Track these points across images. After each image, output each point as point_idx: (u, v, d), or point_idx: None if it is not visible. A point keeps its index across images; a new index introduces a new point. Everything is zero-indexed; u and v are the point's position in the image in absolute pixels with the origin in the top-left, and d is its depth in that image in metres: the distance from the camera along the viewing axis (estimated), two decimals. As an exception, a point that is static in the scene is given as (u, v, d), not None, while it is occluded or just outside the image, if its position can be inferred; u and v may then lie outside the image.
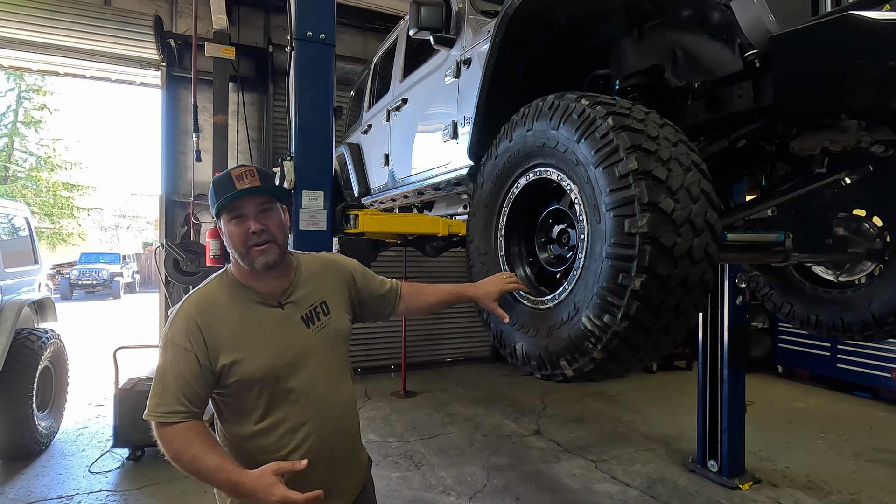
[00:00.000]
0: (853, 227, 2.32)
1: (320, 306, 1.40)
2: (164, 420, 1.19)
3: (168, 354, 1.23)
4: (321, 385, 1.35)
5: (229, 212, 1.29)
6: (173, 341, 1.23)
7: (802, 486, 3.53)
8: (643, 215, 1.19)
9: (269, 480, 1.11)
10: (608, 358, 1.31)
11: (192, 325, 1.24)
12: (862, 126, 1.52)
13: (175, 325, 1.25)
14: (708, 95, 1.64)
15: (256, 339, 1.28)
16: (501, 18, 1.87)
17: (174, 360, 1.22)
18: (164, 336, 1.26)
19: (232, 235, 1.29)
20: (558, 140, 1.45)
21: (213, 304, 1.29)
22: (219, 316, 1.27)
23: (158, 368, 1.23)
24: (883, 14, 1.19)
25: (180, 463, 1.17)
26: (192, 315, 1.25)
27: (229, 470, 1.13)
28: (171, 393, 1.19)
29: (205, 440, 1.19)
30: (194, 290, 1.33)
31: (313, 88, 2.35)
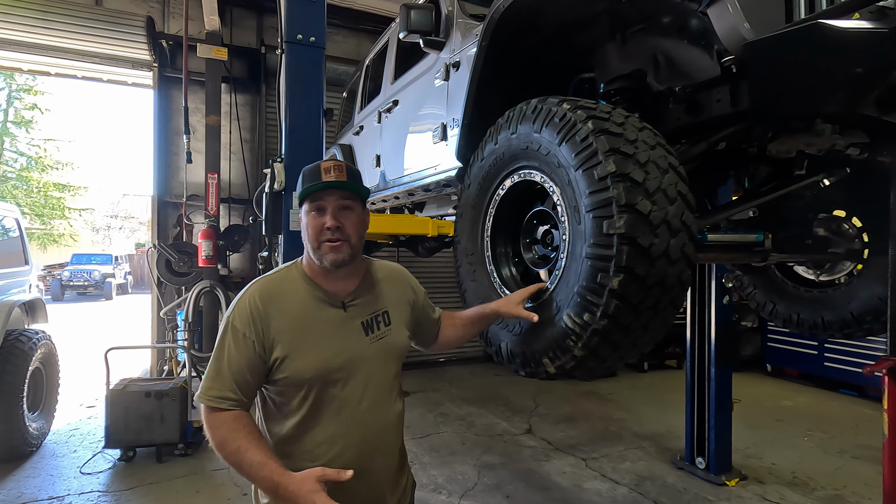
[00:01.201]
0: (833, 228, 2.37)
1: (382, 315, 1.36)
2: (213, 405, 1.16)
3: (227, 338, 1.20)
4: (368, 399, 1.29)
5: (311, 202, 1.27)
6: (233, 325, 1.21)
7: (788, 483, 3.58)
8: (621, 216, 1.23)
9: (312, 487, 1.07)
10: (589, 355, 1.35)
11: (255, 311, 1.22)
12: (836, 130, 1.56)
13: (238, 309, 1.23)
14: (688, 99, 1.67)
15: (313, 338, 1.25)
16: (488, 23, 1.90)
17: (232, 345, 1.20)
18: (225, 319, 1.24)
19: (308, 227, 1.28)
20: (541, 143, 1.49)
21: (277, 295, 1.26)
22: (280, 307, 1.24)
23: (216, 350, 1.21)
24: (851, 23, 1.24)
25: (223, 452, 1.14)
26: (255, 301, 1.23)
27: (272, 468, 1.10)
28: (224, 378, 1.17)
29: (251, 433, 1.15)
30: (261, 277, 1.31)
31: (304, 91, 2.38)
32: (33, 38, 5.37)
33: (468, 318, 1.58)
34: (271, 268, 2.67)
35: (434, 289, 6.94)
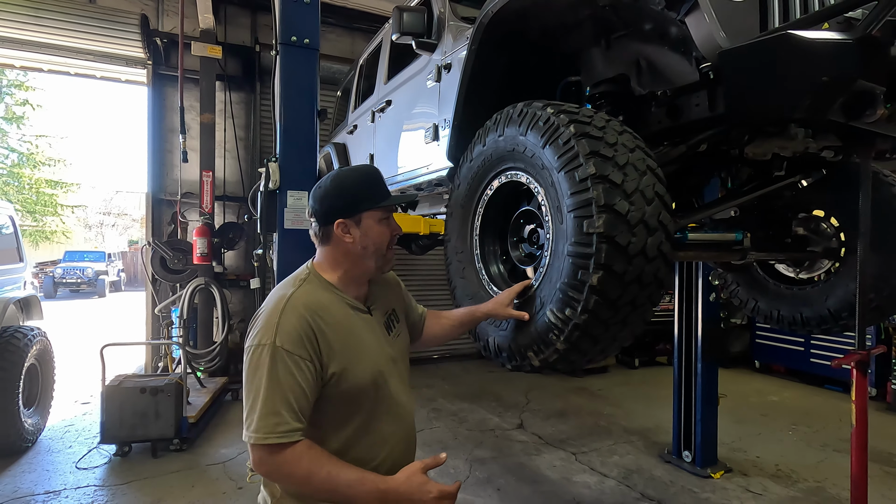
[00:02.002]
0: (812, 227, 2.44)
1: (393, 314, 1.41)
2: (286, 440, 1.07)
3: (278, 366, 1.09)
4: (404, 394, 1.33)
5: (385, 211, 1.28)
6: (285, 349, 1.10)
7: (771, 475, 3.68)
8: (600, 216, 1.29)
9: (421, 479, 1.09)
10: (571, 349, 1.41)
11: (307, 329, 1.14)
12: (809, 133, 1.63)
13: (284, 331, 1.12)
14: (669, 103, 1.74)
15: (360, 345, 1.23)
16: (477, 27, 1.96)
17: (287, 371, 1.09)
18: (266, 343, 1.11)
19: (381, 235, 1.28)
20: (526, 145, 1.55)
21: (320, 307, 1.19)
22: (327, 320, 1.18)
23: (267, 381, 1.08)
24: (817, 34, 1.30)
25: (312, 485, 1.08)
26: (305, 318, 1.14)
27: (372, 479, 1.08)
28: (289, 408, 1.08)
29: (329, 455, 1.11)
30: (289, 292, 1.19)
31: (298, 92, 2.43)
32: (26, 35, 5.37)
33: (457, 318, 1.62)
34: (266, 265, 2.72)
35: (426, 286, 7.00)
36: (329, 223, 1.25)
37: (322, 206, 1.27)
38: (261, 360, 1.10)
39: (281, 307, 1.16)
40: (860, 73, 1.29)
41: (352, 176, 1.29)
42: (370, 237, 1.26)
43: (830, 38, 1.29)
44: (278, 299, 1.18)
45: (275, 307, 1.16)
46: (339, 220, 1.24)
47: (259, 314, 1.20)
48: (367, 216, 1.26)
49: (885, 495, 3.39)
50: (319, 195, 1.28)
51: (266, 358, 1.10)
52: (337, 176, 1.29)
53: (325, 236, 1.27)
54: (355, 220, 1.25)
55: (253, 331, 1.17)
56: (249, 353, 1.14)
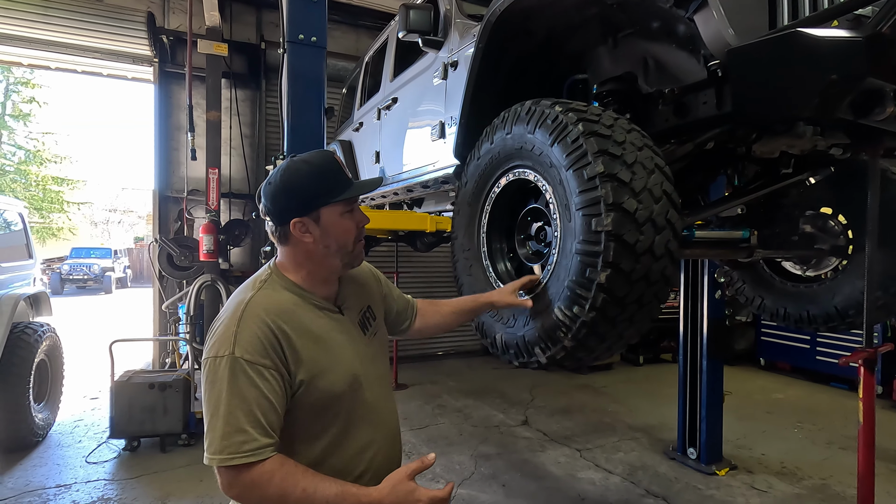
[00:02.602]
0: (819, 225, 2.44)
1: (368, 311, 1.31)
2: (254, 459, 0.97)
3: (240, 376, 0.99)
4: (383, 397, 1.25)
5: (346, 204, 1.17)
6: (245, 360, 1.00)
7: (776, 472, 3.68)
8: (608, 215, 1.30)
9: (407, 487, 1.02)
10: (578, 346, 1.43)
11: (269, 335, 1.04)
12: (817, 131, 1.63)
13: (244, 338, 1.02)
14: (676, 101, 1.74)
15: (331, 349, 1.13)
16: (484, 26, 1.96)
17: (250, 383, 0.99)
18: (223, 354, 1.01)
19: (348, 231, 1.17)
20: (534, 143, 1.55)
21: (282, 311, 1.09)
22: (291, 324, 1.08)
23: (227, 398, 0.98)
24: (827, 31, 1.30)
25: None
26: (266, 323, 1.05)
27: (354, 493, 1.00)
28: (255, 424, 0.98)
29: (305, 469, 1.01)
30: (252, 296, 1.10)
31: (305, 90, 2.44)
32: (34, 33, 5.42)
33: (458, 307, 1.58)
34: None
35: (431, 282, 7.02)
36: (285, 223, 1.13)
37: (275, 205, 1.14)
38: (218, 374, 1.00)
39: (239, 314, 1.05)
40: (869, 71, 1.28)
41: (303, 168, 1.14)
42: (332, 235, 1.15)
43: (840, 35, 1.29)
44: (236, 305, 1.09)
45: (232, 314, 1.06)
46: (295, 220, 1.12)
47: (217, 322, 1.09)
48: (326, 212, 1.14)
49: (891, 493, 3.39)
50: (270, 192, 1.14)
51: (225, 371, 1.00)
52: (287, 169, 1.15)
53: (282, 236, 1.16)
54: (313, 218, 1.13)
55: (209, 341, 1.06)
56: (206, 367, 1.03)
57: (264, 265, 1.24)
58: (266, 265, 1.23)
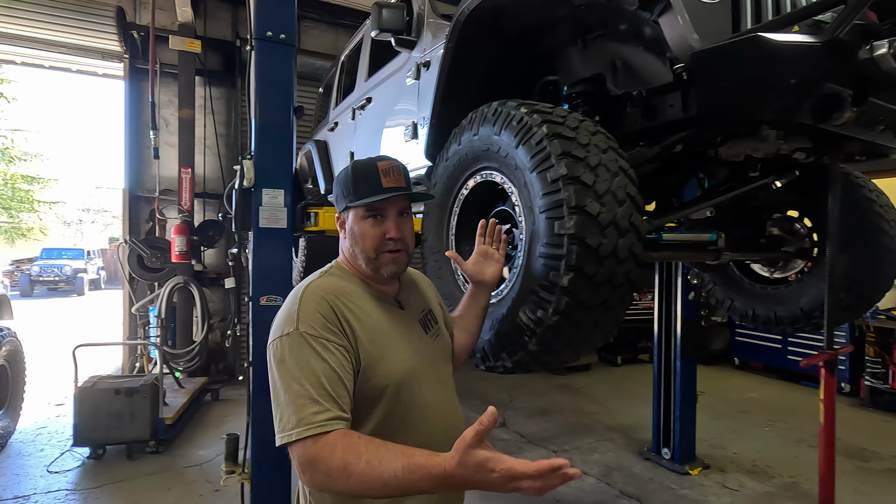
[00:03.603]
0: (786, 228, 2.48)
1: (429, 314, 1.30)
2: (323, 430, 0.92)
3: (305, 350, 0.99)
4: (447, 401, 1.21)
5: (369, 209, 1.16)
6: (309, 334, 1.00)
7: (748, 471, 3.74)
8: (571, 218, 1.28)
9: (476, 458, 0.83)
10: (543, 350, 1.41)
11: (329, 313, 1.04)
12: (780, 135, 1.65)
13: (306, 314, 1.02)
14: (644, 104, 1.74)
15: (392, 338, 1.12)
16: (454, 25, 1.94)
17: (316, 355, 0.98)
18: (286, 332, 1.01)
19: (365, 236, 1.16)
20: (500, 145, 1.53)
21: (342, 293, 1.10)
22: (351, 307, 1.08)
23: (296, 369, 0.97)
24: (786, 36, 1.31)
25: (351, 479, 0.89)
26: (326, 301, 1.05)
27: (423, 465, 0.86)
28: (325, 395, 0.95)
29: (369, 439, 0.93)
30: (312, 281, 1.13)
31: (274, 88, 2.38)
32: (-2, 26, 5.22)
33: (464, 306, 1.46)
34: (241, 265, 2.66)
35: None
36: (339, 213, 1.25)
37: (333, 193, 1.25)
38: (285, 352, 1.00)
39: (299, 295, 1.07)
40: (827, 75, 1.30)
41: (348, 167, 1.20)
42: (353, 236, 1.18)
43: (798, 40, 1.30)
44: (296, 290, 1.11)
45: (293, 298, 1.08)
46: (337, 213, 1.24)
47: (278, 313, 1.11)
48: (351, 213, 1.19)
49: (858, 489, 3.47)
50: (334, 181, 1.26)
51: (291, 348, 0.99)
52: (348, 164, 1.23)
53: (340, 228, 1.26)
54: (345, 216, 1.21)
55: (272, 330, 1.07)
56: (271, 350, 1.03)
57: None
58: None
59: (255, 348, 2.36)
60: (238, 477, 2.41)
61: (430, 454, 0.88)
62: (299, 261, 4.29)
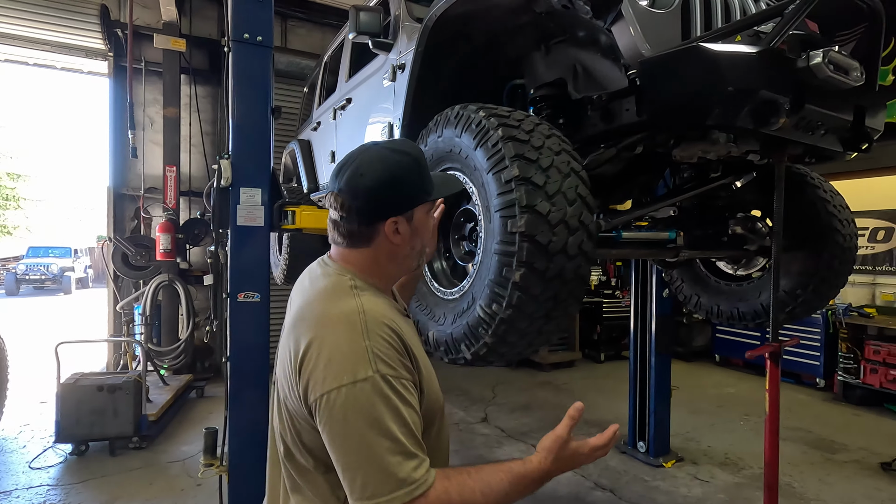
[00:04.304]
0: (749, 227, 2.57)
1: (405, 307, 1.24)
2: (428, 483, 0.84)
3: (392, 397, 0.85)
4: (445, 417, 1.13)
5: (432, 201, 1.08)
6: (391, 376, 0.86)
7: (720, 463, 3.85)
8: (522, 217, 1.36)
9: (568, 451, 0.94)
10: (499, 342, 1.48)
11: (398, 343, 0.92)
12: (730, 138, 1.73)
13: (380, 351, 0.87)
14: (603, 108, 1.82)
15: (425, 355, 1.04)
16: (422, 30, 2.01)
17: (402, 401, 0.86)
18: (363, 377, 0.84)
19: (433, 227, 1.10)
20: (461, 147, 1.60)
21: (393, 315, 0.98)
22: (402, 329, 0.96)
23: (386, 423, 0.83)
24: (724, 46, 1.39)
25: None
26: (393, 330, 0.92)
27: (522, 473, 0.90)
28: (417, 444, 0.86)
29: (461, 470, 0.91)
30: (363, 303, 0.94)
31: (250, 89, 2.43)
32: (-21, 23, 5.20)
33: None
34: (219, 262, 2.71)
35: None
36: (379, 221, 0.99)
37: (371, 201, 0.98)
38: (363, 402, 0.83)
39: (361, 326, 0.89)
40: (763, 83, 1.38)
41: (404, 160, 1.00)
42: (420, 234, 1.05)
43: (735, 50, 1.38)
44: (348, 318, 0.90)
45: (350, 330, 0.89)
46: (394, 218, 0.99)
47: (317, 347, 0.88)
48: (419, 209, 1.04)
49: (823, 479, 3.59)
50: (366, 187, 0.97)
51: (373, 396, 0.84)
52: (385, 160, 0.99)
53: (364, 236, 1.01)
54: (408, 217, 1.02)
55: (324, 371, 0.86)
56: (340, 399, 0.84)
57: (322, 268, 1.06)
58: (328, 269, 1.04)
59: (233, 344, 2.41)
60: (216, 469, 2.46)
61: (522, 462, 0.92)
62: (282, 258, 4.34)
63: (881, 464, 3.77)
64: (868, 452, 4.02)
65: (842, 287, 2.43)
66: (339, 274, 1.01)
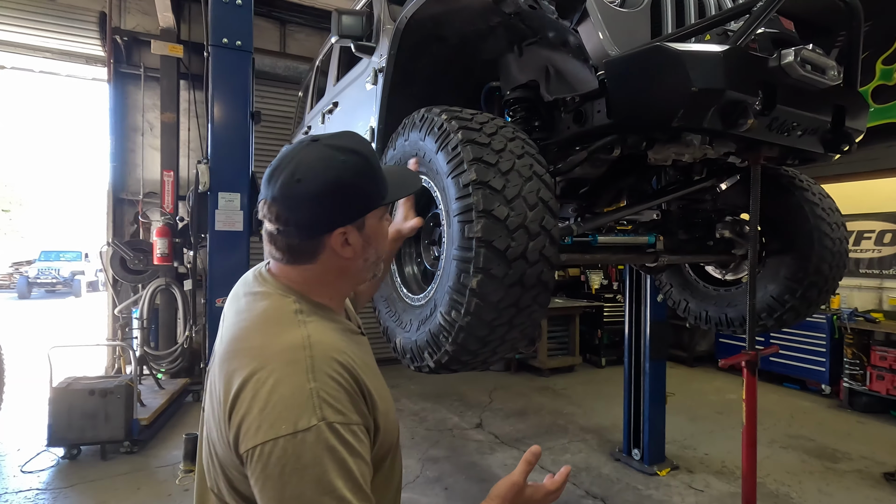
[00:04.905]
0: (737, 230, 2.51)
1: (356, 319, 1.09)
2: None
3: (341, 449, 0.72)
4: None
5: (385, 207, 0.93)
6: (340, 423, 0.73)
7: (716, 472, 3.76)
8: (479, 221, 1.33)
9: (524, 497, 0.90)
10: (460, 350, 1.45)
11: (350, 383, 0.78)
12: (706, 140, 1.68)
13: (329, 394, 0.74)
14: (575, 110, 1.78)
15: (380, 380, 0.90)
16: (395, 32, 1.99)
17: (352, 453, 0.73)
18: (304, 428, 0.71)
19: (384, 236, 0.95)
20: (425, 150, 1.58)
21: (345, 345, 0.84)
22: (356, 360, 0.83)
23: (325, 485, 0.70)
24: (688, 46, 1.35)
25: None
26: (344, 367, 0.79)
27: None
28: (367, 499, 0.73)
29: None
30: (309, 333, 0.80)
31: (229, 94, 2.43)
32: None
33: None
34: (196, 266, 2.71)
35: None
36: (323, 234, 0.84)
37: (311, 211, 0.83)
38: (307, 458, 0.70)
39: (306, 363, 0.76)
40: (729, 84, 1.33)
41: (351, 160, 0.84)
42: (374, 244, 0.91)
43: (698, 50, 1.34)
44: (290, 351, 0.77)
45: (292, 366, 0.75)
46: (342, 230, 0.85)
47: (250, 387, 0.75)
48: (371, 216, 0.88)
49: (822, 490, 3.49)
50: (304, 194, 0.81)
51: (319, 450, 0.70)
52: (327, 160, 0.83)
53: (308, 252, 0.86)
54: (358, 226, 0.87)
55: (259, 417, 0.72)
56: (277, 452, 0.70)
57: (261, 285, 0.90)
58: (267, 287, 0.89)
59: (211, 350, 2.40)
60: (195, 476, 2.45)
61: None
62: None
63: (884, 474, 3.66)
64: (871, 462, 3.91)
65: (832, 293, 2.36)
66: (280, 295, 0.87)
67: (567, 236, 1.78)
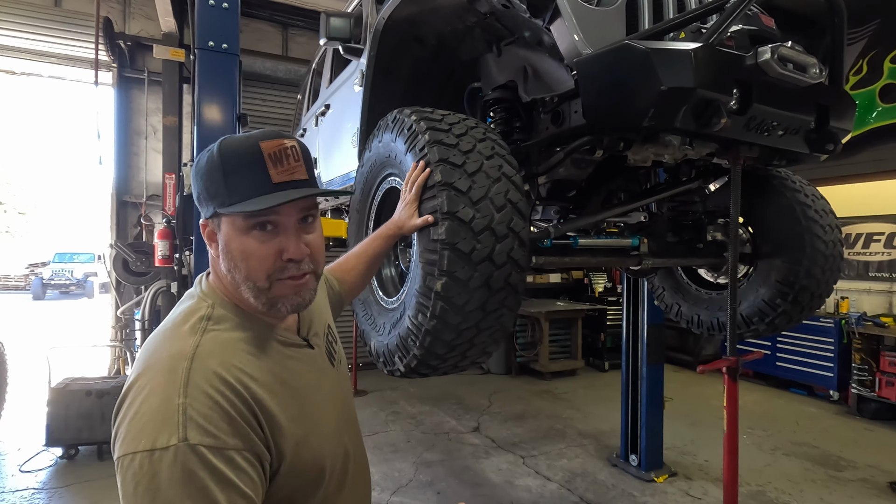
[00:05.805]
0: (728, 233, 2.46)
1: (329, 332, 1.01)
2: None
3: (202, 477, 0.64)
4: (360, 445, 1.00)
5: (251, 217, 0.77)
6: (206, 446, 0.65)
7: (715, 479, 3.68)
8: (443, 223, 1.30)
9: None
10: (428, 354, 1.42)
11: (235, 404, 0.70)
12: (686, 141, 1.65)
13: (198, 412, 0.66)
14: (552, 110, 1.75)
15: (314, 404, 0.83)
16: (374, 34, 1.98)
17: (218, 484, 0.64)
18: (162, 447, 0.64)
19: (250, 257, 0.78)
20: (397, 152, 1.56)
21: (245, 361, 0.75)
22: (261, 379, 0.75)
23: None
24: (657, 43, 1.32)
25: None
26: (229, 386, 0.70)
27: None
28: None
29: None
30: (198, 344, 0.73)
31: (216, 97, 2.44)
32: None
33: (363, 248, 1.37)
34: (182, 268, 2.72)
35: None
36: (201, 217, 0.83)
37: (194, 189, 0.83)
38: (161, 479, 0.63)
39: (181, 376, 0.69)
40: (699, 82, 1.30)
41: (220, 149, 0.78)
42: (230, 257, 0.79)
43: (667, 47, 1.30)
44: (169, 362, 0.71)
45: (167, 378, 0.69)
46: (203, 220, 0.82)
47: (129, 396, 0.70)
48: (225, 221, 0.79)
49: (824, 499, 3.40)
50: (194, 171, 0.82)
51: (174, 472, 0.63)
52: (210, 148, 0.80)
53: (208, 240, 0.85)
54: (214, 225, 0.81)
55: (122, 426, 0.68)
56: (130, 469, 0.64)
57: (196, 285, 0.87)
58: (196, 289, 0.85)
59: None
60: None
61: None
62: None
63: (889, 483, 3.56)
64: (877, 470, 3.80)
65: (826, 297, 2.30)
66: (200, 298, 0.82)
67: (545, 238, 1.75)
